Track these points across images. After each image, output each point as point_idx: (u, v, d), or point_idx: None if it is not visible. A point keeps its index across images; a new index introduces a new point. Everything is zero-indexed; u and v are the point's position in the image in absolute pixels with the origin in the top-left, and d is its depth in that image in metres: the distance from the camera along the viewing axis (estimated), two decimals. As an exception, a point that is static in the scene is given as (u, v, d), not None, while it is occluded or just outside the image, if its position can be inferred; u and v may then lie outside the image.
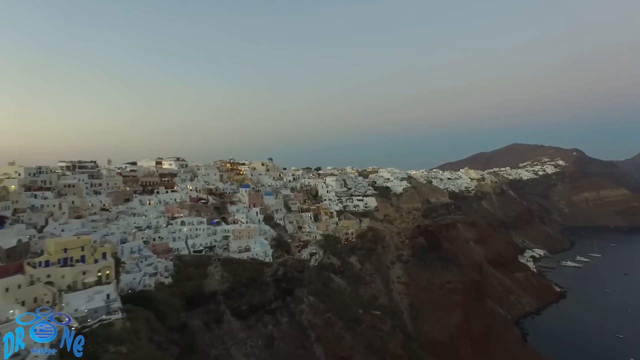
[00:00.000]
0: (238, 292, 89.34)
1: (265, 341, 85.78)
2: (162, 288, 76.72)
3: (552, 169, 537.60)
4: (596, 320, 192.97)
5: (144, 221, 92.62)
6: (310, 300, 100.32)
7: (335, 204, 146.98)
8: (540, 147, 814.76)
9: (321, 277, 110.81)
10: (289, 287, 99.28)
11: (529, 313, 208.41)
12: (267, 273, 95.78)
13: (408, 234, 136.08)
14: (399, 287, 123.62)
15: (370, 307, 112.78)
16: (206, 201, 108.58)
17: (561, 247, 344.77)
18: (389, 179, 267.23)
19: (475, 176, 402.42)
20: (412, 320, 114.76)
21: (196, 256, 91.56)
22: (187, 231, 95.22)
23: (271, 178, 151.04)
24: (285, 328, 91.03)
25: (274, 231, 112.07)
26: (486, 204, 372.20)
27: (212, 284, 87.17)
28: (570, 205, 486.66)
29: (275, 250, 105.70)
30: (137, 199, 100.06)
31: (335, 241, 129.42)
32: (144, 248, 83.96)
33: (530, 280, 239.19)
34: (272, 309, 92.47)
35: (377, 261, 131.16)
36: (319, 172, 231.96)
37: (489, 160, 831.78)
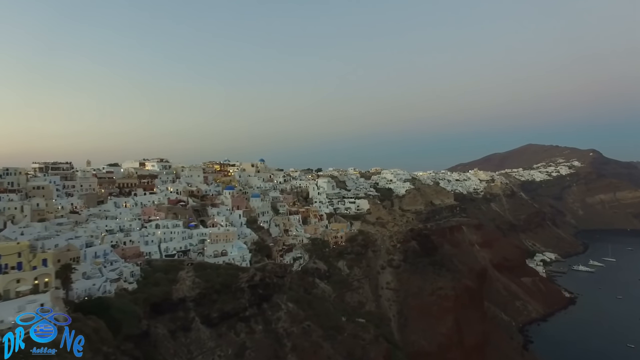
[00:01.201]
0: (209, 298, 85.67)
1: (236, 350, 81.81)
2: (124, 294, 73.62)
3: (567, 170, 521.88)
4: (606, 329, 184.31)
5: (116, 224, 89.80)
6: (289, 307, 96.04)
7: (326, 206, 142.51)
8: (556, 147, 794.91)
9: (304, 282, 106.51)
10: (267, 293, 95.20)
11: (535, 319, 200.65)
12: (242, 278, 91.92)
13: (400, 238, 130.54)
14: (388, 293, 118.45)
15: (356, 314, 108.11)
16: (185, 203, 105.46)
17: (574, 251, 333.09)
18: (392, 181, 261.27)
19: (484, 177, 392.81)
20: (400, 329, 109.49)
21: (168, 261, 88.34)
22: (160, 234, 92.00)
23: (261, 180, 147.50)
24: (259, 337, 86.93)
25: (256, 235, 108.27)
26: (495, 206, 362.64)
27: (182, 289, 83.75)
28: (585, 208, 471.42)
29: (255, 254, 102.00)
30: (112, 201, 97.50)
31: (323, 245, 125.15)
32: (111, 252, 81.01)
33: (537, 285, 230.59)
34: (246, 317, 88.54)
35: (367, 266, 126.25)
36: (318, 173, 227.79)
37: (502, 161, 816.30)
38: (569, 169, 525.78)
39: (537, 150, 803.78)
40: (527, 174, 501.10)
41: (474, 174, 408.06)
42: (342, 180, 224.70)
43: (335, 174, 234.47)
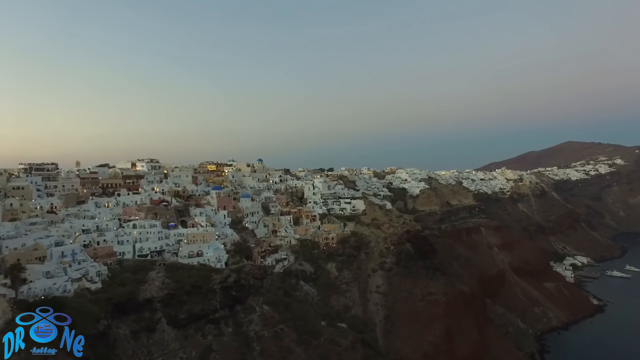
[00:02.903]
0: (178, 299, 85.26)
1: (200, 353, 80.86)
2: (85, 294, 73.94)
3: (606, 168, 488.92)
4: (634, 341, 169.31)
5: (93, 224, 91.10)
6: (264, 310, 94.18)
7: (320, 206, 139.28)
8: (598, 144, 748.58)
9: (285, 284, 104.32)
10: (241, 295, 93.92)
11: (555, 328, 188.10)
12: (215, 280, 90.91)
13: (394, 240, 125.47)
14: (377, 297, 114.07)
15: (339, 318, 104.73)
16: (168, 203, 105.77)
17: (609, 255, 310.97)
18: (407, 180, 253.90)
19: (512, 177, 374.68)
20: (385, 335, 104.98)
21: (139, 261, 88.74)
22: (136, 234, 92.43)
23: (255, 180, 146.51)
24: (227, 339, 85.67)
25: (238, 236, 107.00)
26: (523, 206, 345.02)
27: (150, 290, 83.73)
28: (626, 209, 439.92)
29: (233, 255, 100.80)
30: (93, 202, 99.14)
31: (313, 246, 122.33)
32: (81, 252, 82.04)
33: (561, 291, 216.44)
34: (215, 319, 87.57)
35: (358, 268, 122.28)
36: (327, 173, 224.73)
37: (538, 160, 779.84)
38: (609, 167, 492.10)
39: (576, 148, 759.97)
40: (562, 173, 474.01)
41: (500, 173, 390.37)
42: (351, 180, 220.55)
43: (345, 173, 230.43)
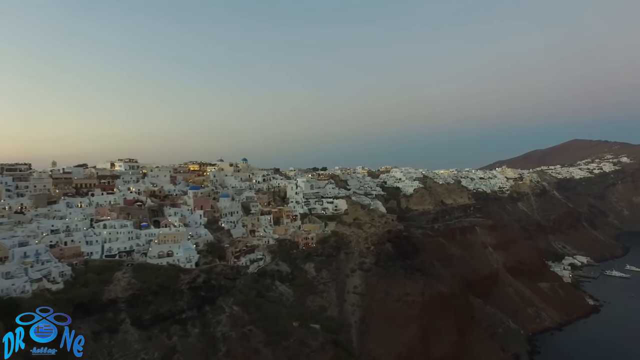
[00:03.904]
0: (144, 299, 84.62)
1: (163, 354, 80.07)
2: (45, 295, 73.51)
3: (611, 166, 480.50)
4: (626, 341, 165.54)
5: (63, 224, 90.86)
6: (234, 311, 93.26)
7: (301, 206, 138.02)
8: (604, 142, 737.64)
9: (258, 285, 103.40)
10: (211, 295, 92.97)
11: (548, 328, 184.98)
12: (183, 280, 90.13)
13: (375, 240, 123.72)
14: (354, 297, 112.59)
15: (313, 319, 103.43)
16: (142, 203, 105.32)
17: (610, 255, 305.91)
18: (401, 179, 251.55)
19: (512, 175, 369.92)
20: (360, 336, 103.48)
21: (106, 261, 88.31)
22: (106, 235, 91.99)
23: (237, 179, 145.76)
24: (192, 340, 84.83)
25: (212, 236, 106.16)
26: (523, 205, 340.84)
27: (115, 290, 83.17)
28: (631, 207, 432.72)
29: (205, 256, 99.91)
30: (65, 202, 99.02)
31: (292, 246, 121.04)
32: (45, 252, 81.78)
33: (556, 292, 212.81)
34: (182, 319, 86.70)
35: (337, 269, 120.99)
36: (319, 172, 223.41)
37: (543, 158, 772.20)
38: (613, 166, 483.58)
39: (582, 146, 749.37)
40: (565, 171, 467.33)
41: (500, 171, 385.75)
42: (343, 180, 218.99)
43: (338, 172, 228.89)
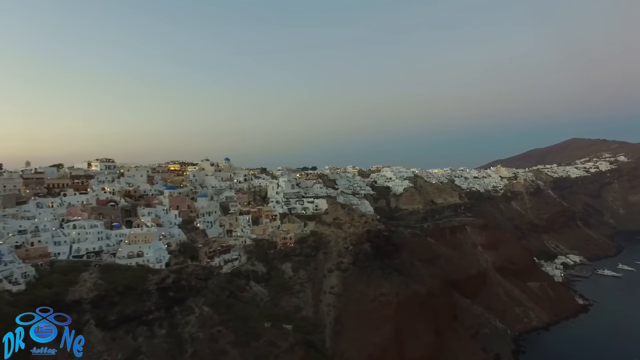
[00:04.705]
0: (110, 300, 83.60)
1: (127, 355, 78.87)
2: (4, 296, 72.76)
3: (607, 165, 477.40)
4: (614, 341, 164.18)
5: (31, 224, 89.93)
6: (204, 311, 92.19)
7: (281, 206, 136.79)
8: (603, 141, 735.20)
9: (231, 285, 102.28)
10: (180, 296, 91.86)
11: (535, 328, 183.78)
12: (151, 281, 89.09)
13: (353, 240, 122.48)
14: (330, 298, 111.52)
15: (287, 319, 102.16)
16: (115, 203, 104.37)
17: (603, 254, 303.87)
18: (391, 179, 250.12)
19: (506, 174, 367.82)
20: (334, 336, 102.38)
21: (73, 262, 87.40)
22: (75, 235, 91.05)
23: (218, 179, 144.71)
24: (158, 341, 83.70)
25: (185, 236, 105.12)
26: (517, 204, 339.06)
27: (80, 291, 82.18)
28: (626, 206, 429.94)
29: (177, 256, 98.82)
30: (34, 202, 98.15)
31: (270, 246, 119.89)
32: (9, 253, 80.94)
33: (545, 291, 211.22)
34: (149, 320, 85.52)
35: (315, 269, 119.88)
36: (307, 172, 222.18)
37: (543, 157, 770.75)
38: (610, 165, 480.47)
39: (581, 145, 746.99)
40: (562, 170, 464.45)
41: (495, 170, 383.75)
42: (332, 179, 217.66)
43: (327, 172, 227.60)
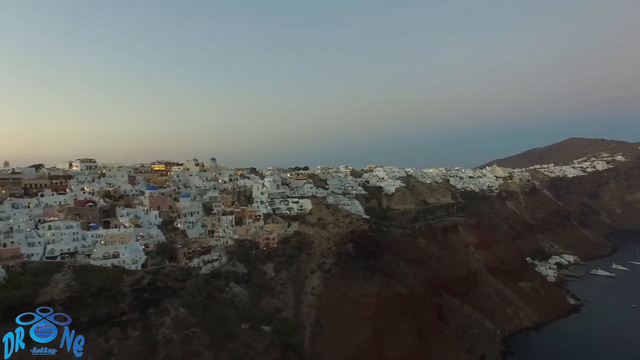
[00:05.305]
0: (82, 302, 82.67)
1: (98, 357, 77.71)
2: (-29, 297, 71.75)
3: (604, 165, 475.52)
4: (603, 341, 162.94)
5: (4, 225, 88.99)
6: (180, 312, 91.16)
7: (265, 206, 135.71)
8: (601, 141, 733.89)
9: (210, 286, 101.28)
10: (156, 297, 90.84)
11: (525, 328, 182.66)
12: (126, 282, 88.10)
13: (337, 240, 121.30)
14: (311, 299, 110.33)
15: (266, 321, 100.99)
16: (93, 204, 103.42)
17: (598, 254, 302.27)
18: (384, 179, 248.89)
19: (501, 174, 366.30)
20: (313, 338, 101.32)
21: (46, 263, 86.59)
22: (50, 236, 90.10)
23: (202, 179, 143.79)
24: (131, 343, 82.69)
25: (164, 236, 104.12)
26: (512, 204, 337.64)
27: (52, 292, 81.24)
28: (623, 206, 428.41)
29: (155, 257, 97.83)
30: (10, 202, 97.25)
31: (252, 247, 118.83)
32: (-20, 254, 79.80)
33: (537, 291, 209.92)
34: (122, 322, 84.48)
35: (297, 270, 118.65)
36: (298, 172, 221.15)
37: (541, 157, 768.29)
38: (606, 164, 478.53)
39: (579, 145, 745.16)
40: (559, 170, 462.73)
41: (490, 170, 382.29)
42: (323, 179, 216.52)
43: (318, 172, 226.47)
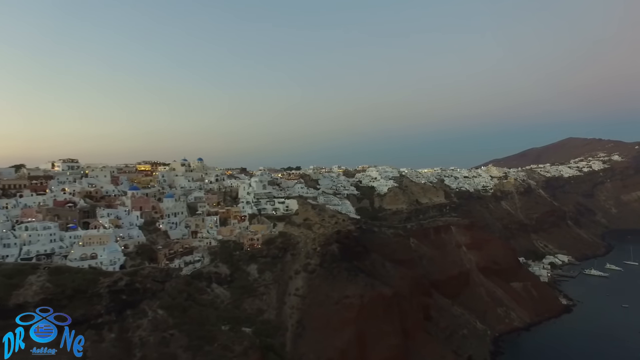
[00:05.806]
0: (57, 304, 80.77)
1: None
2: (-60, 300, 70.45)
3: (600, 164, 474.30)
4: (594, 341, 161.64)
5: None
6: (158, 314, 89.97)
7: (251, 206, 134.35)
8: (598, 140, 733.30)
9: (190, 288, 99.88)
10: (133, 299, 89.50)
11: (516, 329, 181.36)
12: (102, 283, 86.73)
13: (322, 241, 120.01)
14: (295, 300, 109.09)
15: (248, 322, 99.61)
16: (73, 204, 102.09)
17: (592, 253, 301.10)
18: (376, 179, 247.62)
19: (496, 174, 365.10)
20: (295, 340, 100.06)
21: (20, 264, 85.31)
22: (26, 237, 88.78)
23: (188, 179, 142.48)
24: (106, 345, 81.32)
25: (145, 237, 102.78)
26: (506, 204, 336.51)
27: (25, 294, 79.80)
28: (619, 206, 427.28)
29: (134, 258, 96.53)
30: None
31: (236, 247, 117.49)
32: (-48, 256, 78.53)
33: (529, 291, 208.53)
34: (98, 324, 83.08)
35: (281, 270, 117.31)
36: (289, 172, 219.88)
37: (538, 157, 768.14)
38: (602, 164, 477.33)
39: (577, 144, 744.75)
40: (554, 170, 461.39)
41: (486, 170, 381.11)
42: (314, 179, 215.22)
43: (309, 172, 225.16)
